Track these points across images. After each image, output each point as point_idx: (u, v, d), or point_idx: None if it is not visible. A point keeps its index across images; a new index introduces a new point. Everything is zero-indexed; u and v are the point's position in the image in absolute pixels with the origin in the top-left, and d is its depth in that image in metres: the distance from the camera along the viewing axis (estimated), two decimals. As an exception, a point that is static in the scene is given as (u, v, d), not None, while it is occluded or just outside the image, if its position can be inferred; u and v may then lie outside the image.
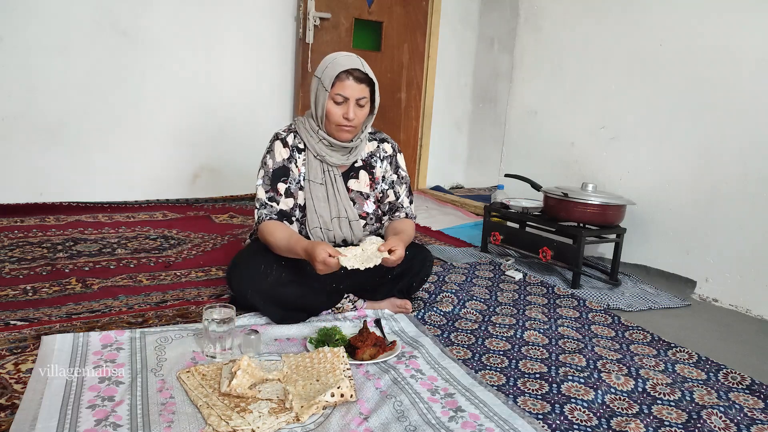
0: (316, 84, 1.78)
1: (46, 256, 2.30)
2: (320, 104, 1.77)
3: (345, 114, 1.75)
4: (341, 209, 1.86)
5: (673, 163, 2.57)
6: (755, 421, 1.43)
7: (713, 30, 2.41)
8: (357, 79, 1.74)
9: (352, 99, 1.74)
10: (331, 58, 1.77)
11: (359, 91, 1.75)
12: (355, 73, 1.73)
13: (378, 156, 1.96)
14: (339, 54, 1.78)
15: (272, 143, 1.85)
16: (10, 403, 1.26)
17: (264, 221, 1.78)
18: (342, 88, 1.73)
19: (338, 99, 1.74)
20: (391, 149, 1.99)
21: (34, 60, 2.97)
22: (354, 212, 1.88)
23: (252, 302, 1.75)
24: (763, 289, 2.25)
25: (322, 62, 1.80)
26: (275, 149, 1.84)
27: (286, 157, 1.84)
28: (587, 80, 2.98)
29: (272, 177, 1.82)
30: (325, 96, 1.74)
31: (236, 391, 1.30)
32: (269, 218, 1.78)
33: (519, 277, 2.46)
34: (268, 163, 1.83)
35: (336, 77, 1.72)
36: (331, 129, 1.80)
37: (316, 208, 1.84)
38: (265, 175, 1.82)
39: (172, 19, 3.30)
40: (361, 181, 1.93)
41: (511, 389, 1.51)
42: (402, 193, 1.98)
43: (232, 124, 3.61)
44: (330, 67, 1.74)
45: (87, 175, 3.20)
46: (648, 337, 1.92)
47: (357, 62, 1.75)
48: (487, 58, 4.63)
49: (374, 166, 1.95)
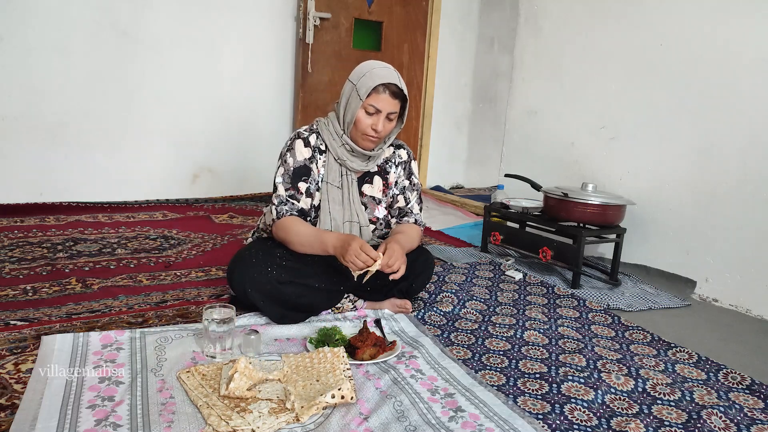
0: (350, 90, 1.77)
1: (46, 256, 2.30)
2: (351, 111, 1.77)
3: (374, 125, 1.76)
4: (353, 213, 1.87)
5: (673, 163, 2.57)
6: (755, 421, 1.43)
7: (713, 30, 2.41)
8: (393, 94, 1.75)
9: (384, 112, 1.75)
10: (369, 67, 1.76)
11: (392, 106, 1.76)
12: (392, 87, 1.74)
13: (393, 162, 1.97)
14: (377, 64, 1.78)
15: (293, 141, 1.84)
16: (10, 403, 1.26)
17: (285, 216, 1.77)
18: (377, 101, 1.74)
19: (370, 110, 1.75)
20: (406, 155, 2.00)
21: (34, 60, 2.97)
22: (365, 217, 1.89)
23: (252, 300, 1.75)
24: (763, 289, 2.26)
25: (358, 69, 1.79)
26: (296, 148, 1.83)
27: (307, 156, 1.83)
28: (587, 80, 2.98)
29: (293, 175, 1.81)
30: (358, 105, 1.75)
31: (234, 394, 1.30)
32: (290, 214, 1.78)
33: (519, 277, 2.46)
34: (288, 161, 1.82)
35: (373, 88, 1.73)
36: (356, 136, 1.81)
37: (330, 210, 1.84)
38: (285, 173, 1.81)
39: (173, 19, 3.30)
40: (375, 186, 1.94)
41: (511, 389, 1.51)
42: (412, 199, 2.00)
43: (232, 124, 3.61)
44: (368, 76, 1.74)
45: (87, 175, 3.20)
46: (648, 337, 1.92)
47: (395, 76, 1.76)
48: (487, 58, 4.64)
49: (389, 172, 1.96)
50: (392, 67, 1.80)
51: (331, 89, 3.79)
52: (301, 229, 1.75)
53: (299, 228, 1.75)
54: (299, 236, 1.74)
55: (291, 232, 1.75)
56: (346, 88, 1.81)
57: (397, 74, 1.78)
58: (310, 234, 1.74)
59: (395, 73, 1.77)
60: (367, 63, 1.80)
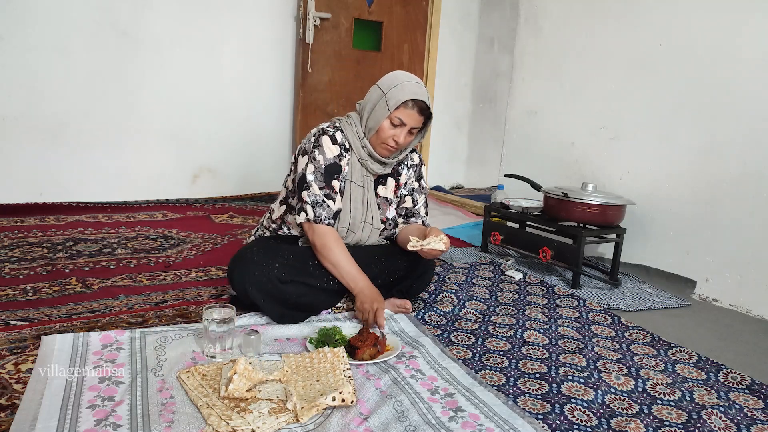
0: (378, 98, 1.77)
1: (46, 256, 2.30)
2: (375, 118, 1.78)
3: (395, 137, 1.78)
4: (368, 214, 1.89)
5: (673, 162, 2.57)
6: (755, 421, 1.43)
7: (713, 30, 2.41)
8: (420, 110, 1.77)
9: (408, 126, 1.77)
10: (401, 80, 1.77)
11: (417, 122, 1.79)
12: (421, 104, 1.76)
13: (406, 164, 2.00)
14: (408, 77, 1.79)
15: (319, 137, 1.81)
16: (10, 403, 1.26)
17: (322, 224, 1.76)
18: (404, 114, 1.75)
19: (396, 122, 1.77)
20: (418, 159, 2.03)
21: (34, 60, 2.97)
22: (378, 219, 1.91)
23: (253, 299, 1.75)
24: (763, 289, 2.26)
25: (390, 78, 1.79)
26: (324, 144, 1.80)
27: (336, 154, 1.82)
28: (587, 80, 2.97)
29: (326, 173, 1.79)
30: (385, 114, 1.75)
31: (234, 395, 1.30)
32: (327, 222, 1.77)
33: (519, 277, 2.46)
34: (318, 159, 1.79)
35: (402, 102, 1.74)
36: (375, 143, 1.82)
37: (351, 208, 1.85)
38: (317, 171, 1.78)
39: (173, 19, 3.30)
40: (388, 187, 1.97)
41: (511, 389, 1.51)
42: (420, 201, 2.02)
43: (232, 124, 3.61)
44: (399, 89, 1.74)
45: (87, 175, 3.20)
46: (648, 337, 1.92)
47: (424, 93, 1.78)
48: (487, 58, 4.64)
49: (401, 173, 1.99)
50: (422, 82, 1.82)
51: (331, 89, 3.79)
52: (341, 258, 1.75)
53: (340, 253, 1.75)
54: (338, 260, 1.75)
55: (332, 251, 1.75)
56: (373, 94, 1.80)
57: (426, 91, 1.80)
58: (348, 267, 1.75)
59: (425, 90, 1.79)
60: (399, 74, 1.81)
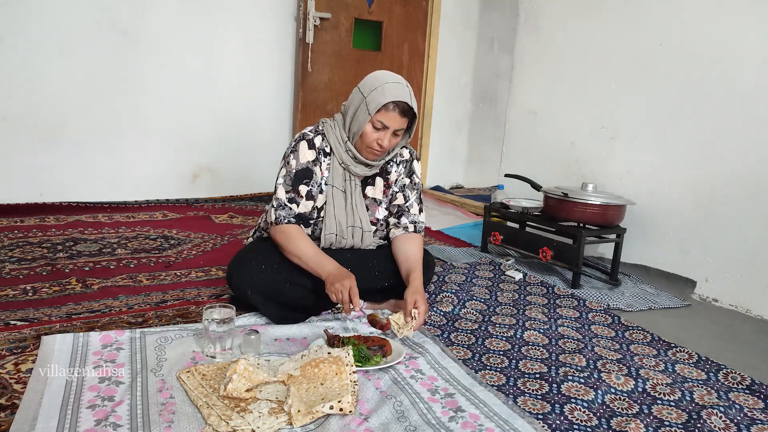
0: (359, 102, 1.74)
1: (46, 256, 2.30)
2: (358, 123, 1.75)
3: (379, 140, 1.75)
4: (356, 218, 1.86)
5: (673, 162, 2.57)
6: (755, 421, 1.43)
7: (713, 30, 2.41)
8: (402, 112, 1.72)
9: (391, 129, 1.73)
10: (381, 81, 1.73)
11: (400, 123, 1.74)
12: (402, 105, 1.71)
13: (394, 161, 1.95)
14: (389, 77, 1.74)
15: (297, 143, 1.81)
16: (10, 403, 1.26)
17: (282, 224, 1.76)
18: (385, 117, 1.71)
19: (378, 125, 1.73)
20: (408, 154, 1.97)
21: (34, 60, 2.97)
22: (368, 222, 1.88)
23: (252, 301, 1.75)
24: (763, 289, 2.26)
25: (370, 80, 1.76)
26: (300, 150, 1.80)
27: (311, 159, 1.81)
28: (587, 80, 2.97)
29: (294, 178, 1.79)
30: (366, 119, 1.72)
31: (232, 395, 1.30)
32: (287, 221, 1.77)
33: (519, 277, 2.46)
34: (291, 163, 1.80)
35: (383, 105, 1.70)
36: (360, 147, 1.80)
37: (336, 214, 1.83)
38: (287, 175, 1.79)
39: (173, 18, 3.30)
40: (377, 187, 1.93)
41: (511, 389, 1.51)
42: (411, 197, 1.96)
43: (232, 124, 3.61)
44: (378, 91, 1.70)
45: (87, 175, 3.20)
46: (648, 337, 1.92)
47: (406, 94, 1.72)
48: (487, 58, 4.63)
49: (390, 171, 1.94)
50: (404, 80, 1.77)
51: (331, 89, 3.79)
52: (301, 246, 1.73)
53: (300, 243, 1.73)
54: (299, 250, 1.72)
55: (292, 243, 1.73)
56: (355, 97, 1.77)
57: (409, 90, 1.74)
58: (311, 254, 1.73)
59: (407, 90, 1.74)
60: (380, 75, 1.76)
